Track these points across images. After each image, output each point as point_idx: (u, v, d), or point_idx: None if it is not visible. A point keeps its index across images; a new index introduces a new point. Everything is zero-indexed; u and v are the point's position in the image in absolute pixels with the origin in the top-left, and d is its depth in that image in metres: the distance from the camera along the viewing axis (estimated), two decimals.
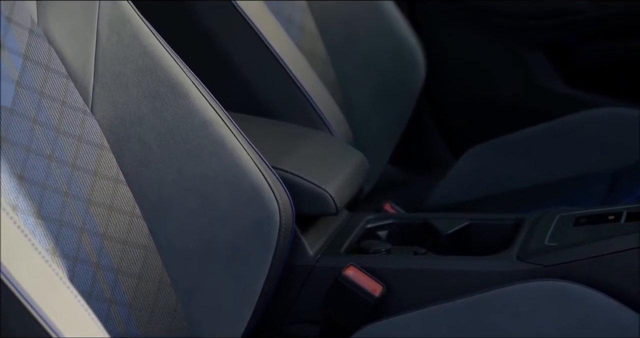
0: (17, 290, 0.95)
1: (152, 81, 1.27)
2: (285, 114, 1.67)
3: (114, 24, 1.28)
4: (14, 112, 1.17)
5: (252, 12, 1.64)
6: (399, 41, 1.93)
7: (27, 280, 1.03)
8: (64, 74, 1.25)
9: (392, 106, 1.94)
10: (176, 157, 1.27)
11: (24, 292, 0.95)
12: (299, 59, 1.72)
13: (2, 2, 1.19)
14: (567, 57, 2.06)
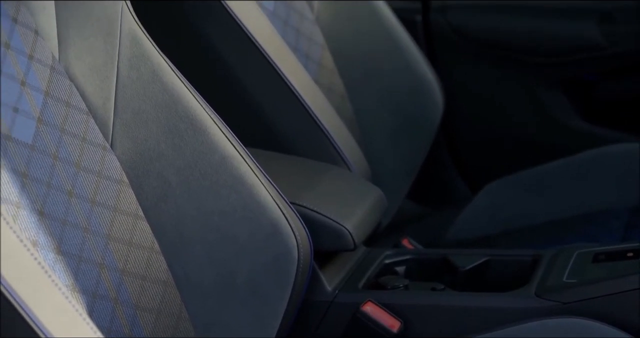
0: (37, 326, 0.96)
1: (171, 117, 1.28)
2: (304, 149, 1.67)
3: (134, 61, 1.29)
4: (34, 148, 1.18)
5: (271, 49, 1.65)
6: (416, 77, 1.94)
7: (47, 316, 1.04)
8: (85, 110, 1.26)
9: (409, 141, 1.94)
10: (195, 192, 1.28)
11: (43, 328, 0.96)
12: (317, 95, 1.73)
13: (23, 40, 1.21)
14: (584, 93, 2.06)
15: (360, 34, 1.94)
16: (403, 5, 2.10)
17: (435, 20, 2.10)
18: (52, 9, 1.26)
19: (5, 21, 1.19)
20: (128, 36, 1.29)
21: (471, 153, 2.15)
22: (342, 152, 1.68)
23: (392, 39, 1.93)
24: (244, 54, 1.66)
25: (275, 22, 1.79)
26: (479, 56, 2.09)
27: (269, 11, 1.80)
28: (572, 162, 1.84)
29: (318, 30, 1.90)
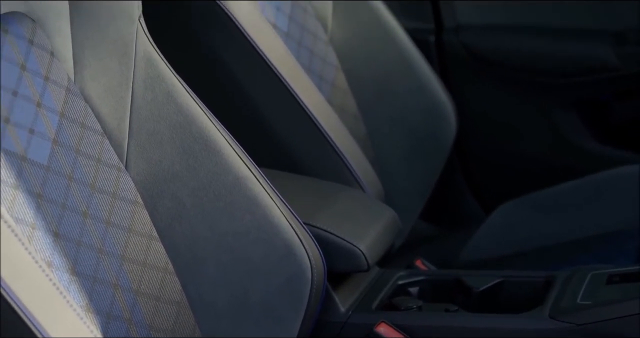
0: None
1: (186, 138, 1.29)
2: (317, 170, 1.67)
3: (148, 82, 1.29)
4: (50, 169, 1.18)
5: (285, 69, 1.66)
6: (430, 98, 1.94)
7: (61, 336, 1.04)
8: (100, 132, 1.26)
9: (423, 162, 1.94)
10: (209, 213, 1.28)
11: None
12: (330, 115, 1.73)
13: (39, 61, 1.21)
14: (597, 114, 2.06)
15: (374, 55, 1.94)
16: (416, 26, 2.11)
17: (448, 40, 2.11)
18: (67, 31, 1.26)
19: (21, 43, 1.20)
20: (143, 58, 1.29)
21: (484, 174, 2.15)
22: (356, 173, 1.69)
23: (405, 59, 1.94)
24: (257, 74, 1.66)
25: (289, 43, 1.80)
26: (492, 77, 2.09)
27: (282, 32, 1.80)
28: (586, 183, 1.84)
29: (332, 50, 1.91)
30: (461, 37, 2.09)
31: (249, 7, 1.66)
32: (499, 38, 2.08)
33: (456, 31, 2.10)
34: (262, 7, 1.77)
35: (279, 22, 1.80)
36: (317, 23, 1.90)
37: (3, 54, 1.17)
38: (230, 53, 1.65)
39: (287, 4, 1.83)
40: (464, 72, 2.11)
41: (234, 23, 1.62)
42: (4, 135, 1.14)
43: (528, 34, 2.07)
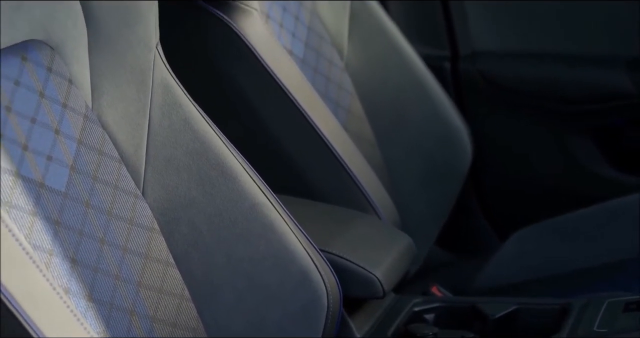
0: None
1: (202, 165, 1.29)
2: (333, 196, 1.68)
3: (165, 109, 1.30)
4: (67, 196, 1.19)
5: (301, 96, 1.67)
6: (445, 124, 1.95)
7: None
8: (117, 158, 1.27)
9: (438, 188, 1.95)
10: (225, 239, 1.28)
11: None
12: (346, 142, 1.74)
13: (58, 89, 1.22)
14: (613, 141, 2.06)
15: (389, 82, 1.95)
16: (432, 52, 2.11)
17: (464, 67, 2.11)
18: (86, 58, 1.27)
19: (40, 70, 1.20)
20: (160, 85, 1.30)
21: (500, 200, 2.14)
22: (372, 199, 1.69)
23: (421, 86, 1.94)
24: (274, 101, 1.67)
25: (305, 69, 1.80)
26: (507, 104, 2.09)
27: (298, 58, 1.81)
28: (601, 210, 1.84)
29: (347, 77, 1.92)
30: (477, 64, 2.10)
31: (265, 34, 1.67)
32: (515, 65, 2.09)
33: (472, 58, 2.11)
34: (278, 34, 1.78)
35: (295, 49, 1.81)
36: (333, 49, 1.90)
37: (22, 81, 1.18)
38: (246, 79, 1.66)
39: (303, 31, 1.84)
40: (480, 98, 2.11)
41: (250, 49, 1.63)
42: (23, 162, 1.15)
43: (543, 60, 2.08)
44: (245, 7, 1.62)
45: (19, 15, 1.19)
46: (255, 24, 1.64)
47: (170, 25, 1.44)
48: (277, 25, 1.78)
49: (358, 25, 1.95)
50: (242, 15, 1.62)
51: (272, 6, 1.78)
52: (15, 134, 1.15)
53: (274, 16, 1.77)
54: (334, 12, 1.92)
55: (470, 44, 2.12)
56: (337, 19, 1.92)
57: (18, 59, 1.18)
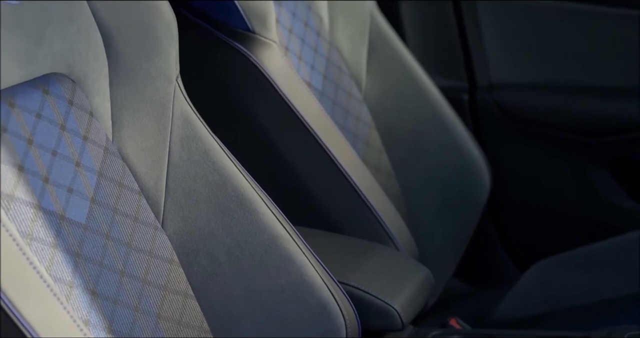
0: None
1: (222, 197, 1.30)
2: (352, 227, 1.68)
3: (185, 141, 1.31)
4: (88, 228, 1.19)
5: (320, 128, 1.67)
6: (463, 155, 1.95)
7: None
8: (137, 190, 1.28)
9: (456, 220, 1.95)
10: (244, 272, 1.29)
11: None
12: (364, 173, 1.74)
13: (79, 121, 1.23)
14: (632, 172, 2.05)
15: (407, 113, 1.95)
16: (450, 84, 2.12)
17: (482, 99, 2.12)
18: (106, 91, 1.28)
19: (61, 103, 1.21)
20: (180, 117, 1.31)
21: (518, 231, 2.14)
22: (390, 231, 1.69)
23: (438, 117, 1.95)
24: (292, 132, 1.68)
25: (323, 101, 1.81)
26: (525, 135, 2.09)
27: (317, 90, 1.82)
28: (621, 241, 1.83)
29: (366, 109, 1.92)
30: (495, 96, 2.10)
31: (284, 66, 1.68)
32: (532, 96, 2.09)
33: (489, 89, 2.11)
34: (297, 66, 1.79)
35: (313, 81, 1.82)
36: (351, 81, 1.91)
37: (44, 114, 1.19)
38: (265, 111, 1.67)
39: (321, 63, 1.85)
40: (497, 129, 2.11)
41: (269, 82, 1.64)
42: (44, 195, 1.15)
43: (560, 91, 2.08)
44: (264, 40, 1.63)
45: (41, 49, 1.20)
46: (275, 56, 1.65)
47: (190, 58, 1.45)
48: (295, 58, 1.79)
49: (376, 57, 1.95)
50: (261, 47, 1.63)
51: (291, 38, 1.79)
52: (36, 166, 1.16)
53: (292, 48, 1.78)
54: (353, 44, 1.93)
55: (487, 75, 2.12)
56: (355, 51, 1.93)
57: (40, 92, 1.19)
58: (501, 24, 2.10)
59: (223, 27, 1.63)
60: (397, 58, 1.96)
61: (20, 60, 1.17)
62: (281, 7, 1.78)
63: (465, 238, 1.97)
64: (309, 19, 1.84)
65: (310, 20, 1.84)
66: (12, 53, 1.16)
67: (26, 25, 1.18)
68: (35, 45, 1.19)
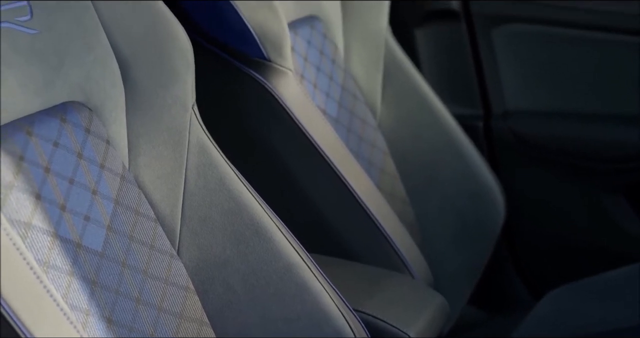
0: None
1: (237, 225, 1.30)
2: (366, 255, 1.68)
3: (201, 169, 1.31)
4: (104, 256, 1.20)
5: (335, 155, 1.68)
6: (478, 183, 1.95)
7: None
8: (153, 218, 1.28)
9: (471, 247, 1.94)
10: (260, 299, 1.29)
11: None
12: (379, 201, 1.74)
13: (95, 149, 1.24)
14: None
15: (422, 140, 1.96)
16: (465, 111, 2.13)
17: (497, 126, 2.12)
18: (123, 119, 1.29)
19: (78, 131, 1.22)
20: (196, 145, 1.32)
21: (533, 258, 2.14)
22: (404, 258, 1.69)
23: (453, 145, 1.95)
24: (307, 160, 1.68)
25: (338, 129, 1.82)
26: (540, 162, 2.09)
27: (332, 118, 1.82)
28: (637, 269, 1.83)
29: (380, 136, 1.93)
30: (510, 123, 2.11)
31: (300, 94, 1.68)
32: (547, 124, 2.09)
33: (504, 117, 2.12)
34: (312, 94, 1.80)
35: (328, 108, 1.83)
36: (366, 109, 1.92)
37: (61, 143, 1.19)
38: (280, 139, 1.67)
39: (336, 90, 1.86)
40: (512, 157, 2.11)
41: (284, 109, 1.64)
42: (61, 223, 1.16)
43: (575, 119, 2.08)
44: (280, 68, 1.63)
45: (59, 77, 1.21)
46: (290, 84, 1.66)
47: (206, 86, 1.46)
48: (311, 86, 1.80)
49: (391, 84, 1.96)
50: (276, 75, 1.64)
51: (307, 66, 1.80)
52: (53, 194, 1.16)
53: (308, 76, 1.79)
54: (367, 71, 1.94)
55: (502, 102, 2.13)
56: (370, 79, 1.94)
57: (57, 121, 1.20)
58: (516, 51, 2.11)
59: (239, 55, 1.64)
60: (411, 85, 1.96)
61: (38, 89, 1.18)
62: (296, 35, 1.79)
63: (480, 265, 1.97)
64: (324, 47, 1.85)
65: (325, 48, 1.85)
66: (30, 82, 1.17)
67: (44, 54, 1.19)
68: (53, 74, 1.20)
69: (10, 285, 1.06)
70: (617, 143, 2.03)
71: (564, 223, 2.10)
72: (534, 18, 2.07)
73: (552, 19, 2.05)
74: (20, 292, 1.07)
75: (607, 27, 2.01)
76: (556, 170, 2.09)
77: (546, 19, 2.05)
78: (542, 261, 2.13)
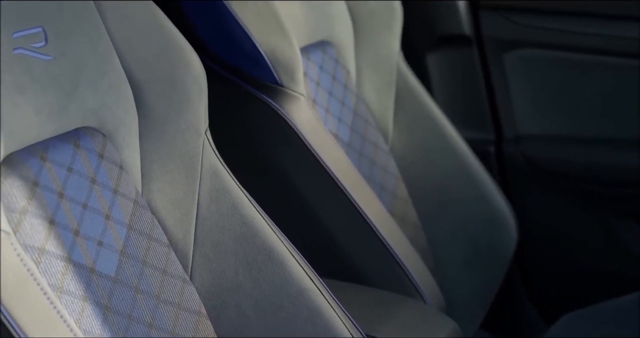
0: None
1: (249, 249, 1.30)
2: (379, 280, 1.68)
3: (214, 194, 1.31)
4: (117, 281, 1.20)
5: (347, 180, 1.68)
6: (490, 207, 1.95)
7: None
8: (166, 243, 1.28)
9: (483, 271, 1.94)
10: (272, 324, 1.29)
11: None
12: (391, 225, 1.74)
13: (109, 175, 1.24)
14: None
15: (434, 165, 1.96)
16: (476, 136, 2.13)
17: (508, 151, 2.12)
18: (136, 144, 1.29)
19: (92, 157, 1.23)
20: (209, 170, 1.32)
21: (545, 283, 2.13)
22: (417, 283, 1.69)
23: (465, 169, 1.95)
24: (319, 185, 1.68)
25: (350, 154, 1.82)
26: (552, 187, 2.09)
27: (344, 143, 1.83)
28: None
29: (392, 160, 1.93)
30: (521, 148, 2.11)
31: (312, 119, 1.69)
32: (559, 148, 2.09)
33: (516, 141, 2.12)
34: (325, 118, 1.80)
35: (340, 133, 1.83)
36: (378, 133, 1.92)
37: (75, 168, 1.20)
38: (293, 164, 1.68)
39: (348, 115, 1.86)
40: (524, 181, 2.11)
41: (297, 134, 1.65)
42: (74, 248, 1.16)
43: (587, 144, 2.08)
44: (292, 93, 1.64)
45: (73, 103, 1.21)
46: (302, 109, 1.66)
47: (219, 111, 1.46)
48: (323, 110, 1.80)
49: (403, 109, 1.96)
50: (289, 100, 1.64)
51: (319, 91, 1.80)
52: (67, 219, 1.17)
53: (320, 101, 1.80)
54: (379, 96, 1.94)
55: (514, 127, 2.13)
56: (382, 103, 1.94)
57: (71, 146, 1.21)
58: (527, 75, 2.11)
59: (251, 80, 1.65)
60: (423, 110, 1.97)
61: (52, 114, 1.19)
62: (309, 60, 1.80)
63: (492, 290, 1.96)
64: (336, 72, 1.86)
65: (337, 72, 1.86)
66: (44, 108, 1.18)
67: (58, 80, 1.20)
68: (67, 99, 1.21)
69: (24, 311, 1.06)
70: (628, 168, 2.03)
71: (575, 248, 2.10)
72: (546, 43, 2.07)
73: (564, 44, 2.05)
74: (34, 317, 1.07)
75: (618, 52, 2.01)
76: (568, 195, 2.08)
77: (558, 44, 2.06)
78: (554, 286, 2.13)
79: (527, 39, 2.08)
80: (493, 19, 2.11)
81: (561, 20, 2.05)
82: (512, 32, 2.09)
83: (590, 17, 2.03)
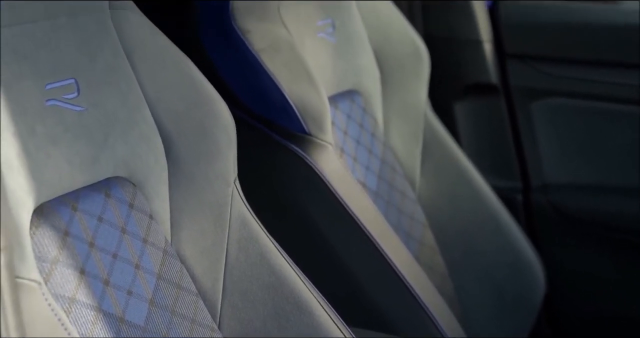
0: None
1: (278, 299, 1.30)
2: (406, 328, 1.67)
3: (242, 243, 1.32)
4: (147, 330, 1.21)
5: (374, 229, 1.68)
6: (517, 256, 1.94)
7: None
8: (194, 292, 1.29)
9: (511, 321, 1.93)
10: None
11: None
12: (418, 273, 1.74)
13: (139, 224, 1.25)
14: None
15: (461, 213, 1.96)
16: (504, 184, 2.13)
17: (535, 199, 2.12)
18: (166, 194, 1.30)
19: (122, 206, 1.24)
20: (237, 219, 1.33)
21: (574, 332, 2.12)
22: (444, 332, 1.68)
23: (492, 218, 1.95)
24: (347, 233, 1.69)
25: (377, 202, 1.82)
26: (580, 235, 2.08)
27: (372, 191, 1.83)
28: None
29: (419, 208, 1.93)
30: (549, 196, 2.11)
31: (340, 168, 1.69)
32: (586, 197, 2.09)
33: (544, 190, 2.12)
34: (352, 167, 1.81)
35: (368, 182, 1.84)
36: (405, 182, 1.92)
37: (105, 218, 1.21)
38: (321, 212, 1.68)
39: (376, 164, 1.87)
40: (552, 230, 2.11)
41: (325, 183, 1.65)
42: (104, 297, 1.17)
43: (614, 193, 2.08)
44: (320, 142, 1.65)
45: (104, 153, 1.23)
46: (330, 158, 1.67)
47: (247, 159, 1.47)
48: (350, 159, 1.81)
49: (430, 157, 1.97)
50: (317, 149, 1.65)
51: (346, 140, 1.81)
52: (97, 269, 1.18)
53: (348, 150, 1.81)
54: (407, 144, 1.95)
55: (541, 175, 2.13)
56: (409, 152, 1.95)
57: (102, 196, 1.22)
58: (555, 124, 2.11)
59: (279, 129, 1.66)
60: (450, 158, 1.97)
61: (83, 164, 1.20)
62: (337, 110, 1.81)
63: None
64: (364, 121, 1.87)
65: (365, 121, 1.87)
66: (76, 158, 1.19)
67: (90, 130, 1.22)
68: (98, 150, 1.22)
69: None
70: None
71: (605, 297, 2.09)
72: (573, 92, 2.07)
73: (591, 93, 2.05)
74: None
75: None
76: (595, 243, 2.08)
77: (584, 93, 2.06)
78: (583, 334, 2.11)
79: (554, 88, 2.09)
80: (520, 68, 2.12)
81: (588, 69, 2.06)
82: (539, 81, 2.10)
83: (616, 67, 2.03)
